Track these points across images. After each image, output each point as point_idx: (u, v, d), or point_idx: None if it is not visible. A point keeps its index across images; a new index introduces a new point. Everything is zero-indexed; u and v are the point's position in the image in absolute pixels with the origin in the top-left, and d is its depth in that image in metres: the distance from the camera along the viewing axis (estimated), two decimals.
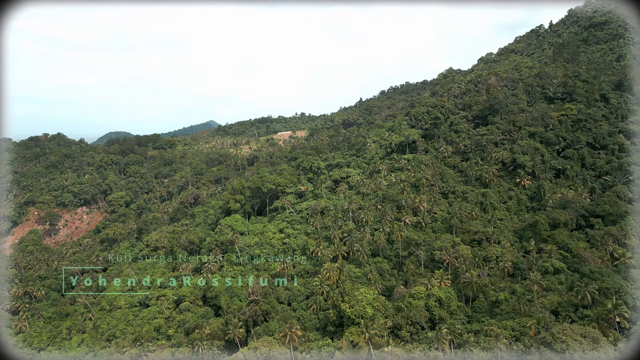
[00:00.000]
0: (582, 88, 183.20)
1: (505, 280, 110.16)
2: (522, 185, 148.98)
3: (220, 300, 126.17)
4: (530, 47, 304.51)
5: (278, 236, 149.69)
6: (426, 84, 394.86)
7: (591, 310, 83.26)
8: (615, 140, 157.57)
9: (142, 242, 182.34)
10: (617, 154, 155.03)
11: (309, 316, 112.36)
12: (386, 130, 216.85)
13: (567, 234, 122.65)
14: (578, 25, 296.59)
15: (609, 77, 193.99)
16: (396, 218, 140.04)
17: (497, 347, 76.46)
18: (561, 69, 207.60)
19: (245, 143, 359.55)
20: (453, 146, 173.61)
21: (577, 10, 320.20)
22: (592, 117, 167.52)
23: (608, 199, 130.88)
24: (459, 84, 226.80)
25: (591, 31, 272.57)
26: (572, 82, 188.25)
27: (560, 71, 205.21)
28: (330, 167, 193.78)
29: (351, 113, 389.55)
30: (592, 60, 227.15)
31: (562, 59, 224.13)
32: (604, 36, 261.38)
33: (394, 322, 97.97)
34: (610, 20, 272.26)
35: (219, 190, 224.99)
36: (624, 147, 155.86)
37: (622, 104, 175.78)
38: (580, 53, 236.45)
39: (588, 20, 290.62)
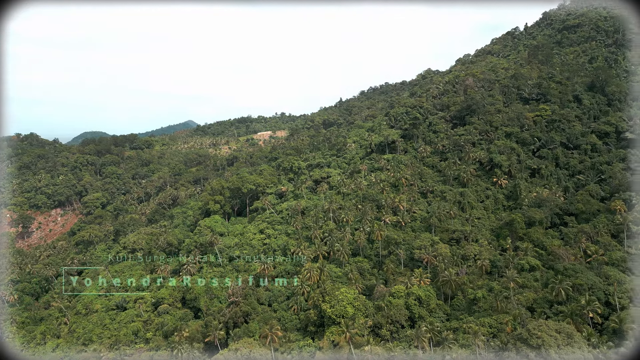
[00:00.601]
0: (556, 89, 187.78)
1: (483, 278, 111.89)
2: (499, 184, 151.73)
3: (199, 302, 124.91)
4: (506, 48, 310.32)
5: (258, 237, 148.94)
6: (405, 85, 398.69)
7: (565, 306, 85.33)
8: (588, 140, 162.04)
9: (119, 244, 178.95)
10: (590, 153, 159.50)
11: (289, 317, 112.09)
12: (366, 131, 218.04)
13: (542, 232, 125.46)
14: (552, 28, 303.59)
15: (581, 79, 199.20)
16: (376, 217, 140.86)
17: (475, 344, 77.63)
18: (536, 71, 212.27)
19: (225, 143, 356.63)
20: (432, 146, 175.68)
21: (551, 13, 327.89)
22: (565, 118, 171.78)
23: (581, 197, 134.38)
24: (437, 85, 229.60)
25: (564, 34, 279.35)
26: (547, 84, 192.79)
27: (535, 72, 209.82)
28: (310, 167, 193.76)
29: (331, 113, 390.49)
30: (566, 62, 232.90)
31: (536, 60, 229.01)
32: (576, 39, 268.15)
33: (374, 321, 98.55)
34: (582, 23, 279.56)
35: (198, 191, 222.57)
36: (596, 147, 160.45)
37: (594, 105, 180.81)
38: (554, 55, 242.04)
39: (562, 23, 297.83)
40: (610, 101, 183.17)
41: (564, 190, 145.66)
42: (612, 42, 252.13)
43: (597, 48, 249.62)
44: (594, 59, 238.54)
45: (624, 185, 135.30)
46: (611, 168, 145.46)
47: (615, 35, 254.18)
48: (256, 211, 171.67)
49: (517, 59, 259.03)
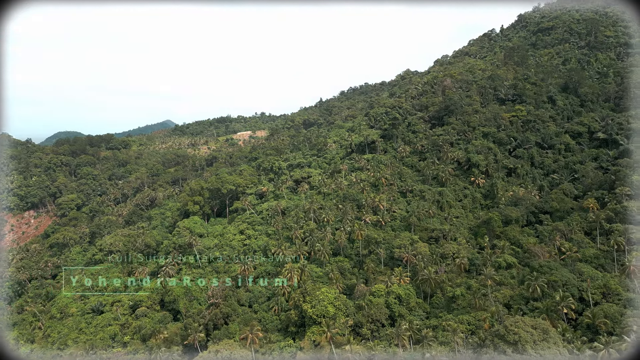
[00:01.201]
0: (531, 90, 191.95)
1: (462, 276, 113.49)
2: (476, 183, 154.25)
3: (179, 304, 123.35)
4: (483, 50, 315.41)
5: (238, 237, 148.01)
6: (385, 85, 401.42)
7: (541, 302, 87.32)
8: (562, 140, 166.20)
9: (95, 246, 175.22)
10: (564, 153, 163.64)
11: (270, 317, 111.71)
12: (346, 131, 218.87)
13: (519, 230, 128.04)
14: (527, 30, 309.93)
15: (555, 80, 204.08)
16: (357, 217, 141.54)
17: (454, 342, 78.77)
18: (512, 72, 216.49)
19: (204, 143, 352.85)
20: (411, 146, 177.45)
21: (526, 16, 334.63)
22: (540, 118, 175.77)
23: (555, 196, 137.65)
24: (416, 86, 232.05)
25: (539, 36, 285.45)
26: (522, 85, 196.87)
27: (511, 74, 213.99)
28: (291, 167, 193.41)
29: (311, 113, 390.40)
30: (540, 64, 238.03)
31: (512, 62, 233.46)
32: (550, 41, 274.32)
33: (355, 320, 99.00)
34: (556, 26, 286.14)
35: (176, 192, 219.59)
36: (570, 147, 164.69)
37: (567, 106, 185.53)
38: (529, 57, 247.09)
39: (536, 25, 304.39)
40: (583, 102, 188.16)
41: (539, 189, 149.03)
42: (584, 45, 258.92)
43: (571, 50, 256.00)
44: (568, 60, 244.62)
45: (596, 183, 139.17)
46: (584, 167, 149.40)
47: (588, 38, 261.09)
48: (236, 212, 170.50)
49: (494, 60, 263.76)
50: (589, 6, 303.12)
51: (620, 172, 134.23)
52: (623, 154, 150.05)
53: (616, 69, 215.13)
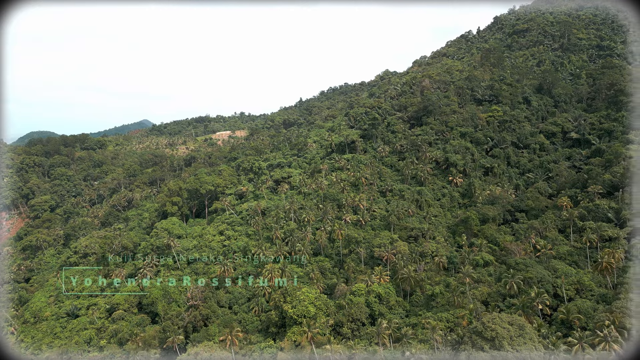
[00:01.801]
0: (507, 91, 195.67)
1: (440, 274, 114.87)
2: (454, 182, 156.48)
3: (157, 307, 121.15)
4: (460, 51, 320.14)
5: (218, 238, 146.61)
6: (364, 85, 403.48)
7: (517, 299, 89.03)
8: (537, 140, 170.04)
9: (70, 248, 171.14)
10: (538, 152, 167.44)
11: (250, 318, 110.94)
12: (326, 131, 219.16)
13: (495, 228, 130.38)
14: (503, 32, 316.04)
15: (530, 81, 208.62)
16: (337, 217, 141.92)
17: (434, 339, 79.66)
18: (488, 73, 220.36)
19: (182, 143, 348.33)
20: (390, 146, 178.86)
21: (502, 18, 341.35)
22: (516, 119, 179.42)
23: (530, 194, 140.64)
24: (395, 86, 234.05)
25: (514, 38, 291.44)
26: (498, 85, 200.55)
27: (488, 75, 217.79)
28: (271, 167, 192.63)
29: (291, 113, 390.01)
30: (515, 65, 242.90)
31: (489, 63, 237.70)
32: (525, 42, 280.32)
33: (335, 320, 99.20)
34: (531, 28, 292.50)
35: (154, 193, 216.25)
36: (544, 146, 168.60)
37: (542, 106, 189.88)
38: (505, 58, 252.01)
39: (512, 27, 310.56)
40: (556, 103, 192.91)
41: (515, 187, 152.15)
42: (558, 47, 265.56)
43: (545, 52, 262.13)
44: (542, 62, 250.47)
45: (569, 182, 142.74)
46: (558, 166, 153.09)
47: (561, 40, 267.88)
48: (215, 212, 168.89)
49: (471, 61, 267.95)
50: (563, 9, 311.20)
51: (592, 171, 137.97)
52: (595, 153, 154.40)
53: (588, 71, 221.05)
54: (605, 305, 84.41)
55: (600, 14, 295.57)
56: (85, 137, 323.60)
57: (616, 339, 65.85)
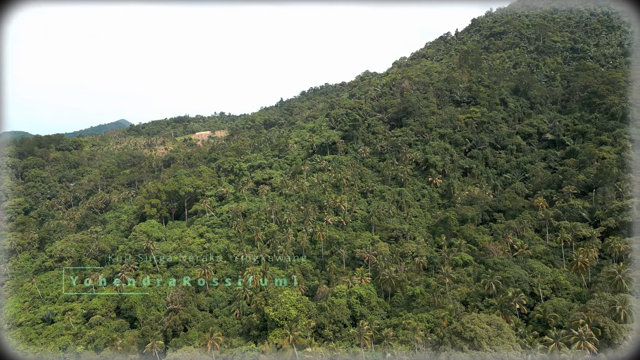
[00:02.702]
0: (484, 93, 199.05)
1: (421, 274, 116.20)
2: (434, 183, 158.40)
3: (136, 311, 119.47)
4: (439, 52, 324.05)
5: (198, 241, 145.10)
6: (345, 86, 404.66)
7: (495, 299, 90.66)
8: (513, 141, 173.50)
9: (45, 252, 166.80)
10: (515, 153, 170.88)
11: (231, 322, 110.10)
12: (307, 131, 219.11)
13: (474, 228, 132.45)
14: (480, 34, 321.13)
15: (507, 83, 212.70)
16: (318, 218, 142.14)
17: (414, 340, 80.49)
18: (466, 75, 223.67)
19: (161, 143, 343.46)
20: (371, 147, 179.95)
21: (479, 20, 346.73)
22: (493, 120, 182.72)
23: (508, 195, 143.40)
24: (375, 87, 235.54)
25: (491, 40, 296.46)
26: (476, 87, 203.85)
27: (466, 76, 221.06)
28: (252, 168, 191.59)
29: (272, 113, 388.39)
30: (493, 67, 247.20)
31: (467, 65, 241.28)
32: (502, 45, 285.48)
33: (317, 322, 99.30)
34: (507, 31, 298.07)
35: (132, 194, 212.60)
36: (521, 147, 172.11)
37: (518, 108, 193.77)
38: (483, 60, 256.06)
39: (489, 29, 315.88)
40: (532, 104, 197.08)
41: (493, 188, 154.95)
42: (533, 49, 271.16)
43: (521, 54, 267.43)
44: (518, 64, 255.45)
45: (545, 183, 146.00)
46: (534, 167, 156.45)
47: (537, 43, 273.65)
48: (195, 214, 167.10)
49: (449, 63, 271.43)
50: (538, 12, 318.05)
51: (567, 172, 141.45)
52: (569, 154, 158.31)
53: (563, 73, 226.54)
54: (580, 304, 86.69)
55: (574, 17, 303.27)
56: (61, 137, 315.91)
57: (590, 337, 67.70)
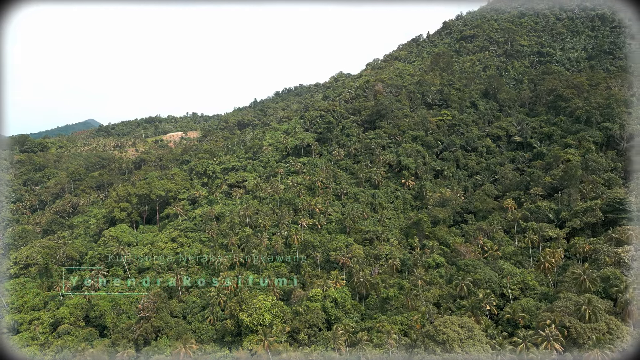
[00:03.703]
0: (455, 95, 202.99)
1: (394, 276, 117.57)
2: (406, 185, 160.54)
3: (106, 319, 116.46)
4: (411, 55, 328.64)
5: (170, 246, 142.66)
6: (319, 87, 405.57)
7: (467, 300, 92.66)
8: (483, 143, 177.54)
9: (10, 259, 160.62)
10: (485, 155, 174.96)
11: (205, 328, 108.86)
12: (282, 133, 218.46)
13: (446, 230, 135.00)
14: (451, 37, 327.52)
15: (477, 86, 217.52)
16: (293, 221, 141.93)
17: (388, 344, 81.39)
18: (438, 77, 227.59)
19: (131, 145, 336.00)
20: (345, 149, 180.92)
21: (450, 23, 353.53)
22: (464, 122, 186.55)
23: (478, 196, 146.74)
24: (349, 89, 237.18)
25: (462, 43, 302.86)
26: (447, 90, 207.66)
27: (437, 79, 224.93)
28: (225, 170, 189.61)
29: (246, 114, 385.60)
30: (463, 70, 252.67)
31: (438, 67, 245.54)
32: (472, 48, 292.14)
33: (292, 327, 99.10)
34: (477, 34, 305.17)
35: (101, 198, 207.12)
36: (491, 150, 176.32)
37: (488, 111, 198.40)
38: (454, 63, 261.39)
39: (459, 32, 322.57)
40: (501, 107, 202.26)
41: (464, 189, 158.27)
42: (502, 52, 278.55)
43: (490, 57, 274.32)
44: (488, 67, 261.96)
45: (513, 184, 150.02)
46: (503, 169, 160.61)
47: (505, 46, 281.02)
48: (167, 218, 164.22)
49: (422, 65, 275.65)
50: (506, 16, 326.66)
51: (534, 174, 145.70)
52: (536, 156, 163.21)
53: (530, 76, 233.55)
54: (547, 303, 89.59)
55: (540, 21, 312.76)
56: (25, 138, 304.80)
57: (557, 337, 70.03)
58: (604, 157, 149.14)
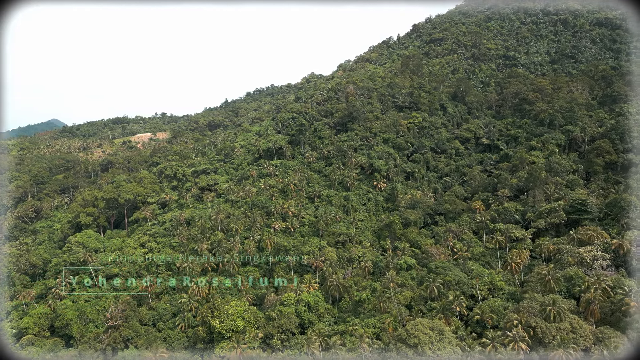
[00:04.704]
0: (425, 98, 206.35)
1: (367, 278, 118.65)
2: (378, 187, 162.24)
3: (72, 329, 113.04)
4: (382, 57, 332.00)
5: (139, 251, 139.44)
6: (290, 87, 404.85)
7: (437, 302, 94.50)
8: (453, 146, 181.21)
9: None
10: (454, 157, 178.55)
11: (176, 335, 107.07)
12: (254, 135, 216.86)
13: (417, 231, 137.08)
14: (421, 40, 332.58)
15: (446, 89, 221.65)
16: (266, 225, 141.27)
17: (361, 347, 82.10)
18: (408, 80, 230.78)
19: (98, 146, 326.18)
20: (317, 152, 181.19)
21: (420, 26, 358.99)
22: (433, 125, 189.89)
23: (448, 198, 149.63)
24: (321, 91, 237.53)
25: (431, 46, 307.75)
26: (417, 93, 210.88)
27: (407, 82, 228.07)
28: (196, 173, 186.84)
29: (217, 114, 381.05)
30: (433, 72, 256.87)
31: (408, 70, 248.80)
32: (441, 51, 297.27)
33: (265, 332, 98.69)
34: (446, 37, 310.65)
35: (66, 202, 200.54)
36: (459, 152, 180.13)
37: (457, 113, 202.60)
38: (423, 65, 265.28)
39: (429, 35, 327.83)
40: (469, 109, 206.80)
41: (434, 191, 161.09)
42: (470, 56, 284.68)
43: (459, 60, 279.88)
44: (456, 70, 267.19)
45: (482, 186, 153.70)
46: (471, 171, 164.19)
47: (473, 49, 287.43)
48: (136, 223, 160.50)
49: (392, 67, 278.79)
50: (473, 20, 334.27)
51: (501, 176, 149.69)
52: (503, 158, 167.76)
53: (496, 79, 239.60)
54: (514, 303, 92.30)
55: (506, 25, 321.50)
56: None
57: (523, 338, 72.27)
58: (567, 159, 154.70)
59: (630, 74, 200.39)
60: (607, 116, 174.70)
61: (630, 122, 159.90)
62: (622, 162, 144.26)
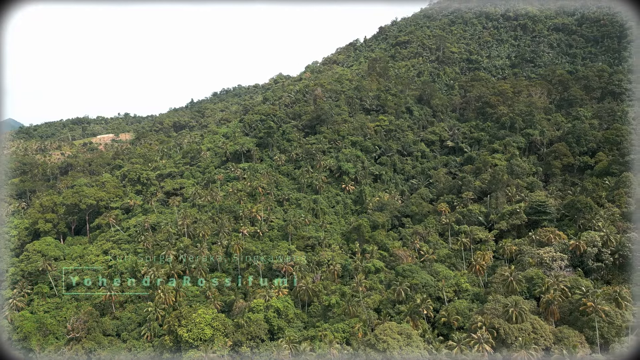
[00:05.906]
0: (392, 101, 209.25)
1: (336, 282, 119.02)
2: (347, 190, 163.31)
3: (31, 342, 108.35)
4: (349, 59, 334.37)
5: (102, 258, 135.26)
6: (258, 88, 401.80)
7: (405, 305, 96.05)
8: (419, 148, 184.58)
9: None
10: (420, 159, 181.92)
11: (142, 345, 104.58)
12: (221, 137, 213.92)
13: (385, 234, 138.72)
14: (387, 42, 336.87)
15: (412, 92, 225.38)
16: (234, 229, 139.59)
17: (331, 354, 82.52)
18: (375, 83, 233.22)
19: (57, 148, 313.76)
20: (286, 155, 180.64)
21: (386, 29, 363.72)
22: (400, 128, 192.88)
23: (414, 200, 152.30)
24: (289, 93, 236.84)
25: (397, 48, 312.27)
26: (384, 96, 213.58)
27: (375, 85, 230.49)
28: (161, 177, 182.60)
29: (182, 115, 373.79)
30: (399, 75, 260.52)
31: (375, 72, 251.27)
32: (407, 54, 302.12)
33: (234, 340, 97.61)
34: (411, 40, 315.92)
35: (23, 207, 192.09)
36: (425, 154, 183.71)
37: (422, 116, 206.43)
38: (390, 68, 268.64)
39: (395, 38, 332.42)
40: (435, 112, 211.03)
41: (401, 193, 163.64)
42: (434, 59, 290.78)
43: (424, 63, 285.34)
44: (422, 73, 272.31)
45: (447, 188, 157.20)
46: (437, 173, 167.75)
47: (437, 53, 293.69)
48: (99, 229, 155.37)
49: (359, 70, 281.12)
50: (437, 24, 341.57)
51: (465, 178, 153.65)
52: (467, 160, 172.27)
53: (460, 83, 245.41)
54: (479, 304, 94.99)
55: (469, 29, 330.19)
56: None
57: (488, 339, 74.51)
58: (527, 161, 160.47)
59: (586, 79, 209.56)
60: (564, 120, 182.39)
61: (586, 125, 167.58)
62: (579, 164, 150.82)
